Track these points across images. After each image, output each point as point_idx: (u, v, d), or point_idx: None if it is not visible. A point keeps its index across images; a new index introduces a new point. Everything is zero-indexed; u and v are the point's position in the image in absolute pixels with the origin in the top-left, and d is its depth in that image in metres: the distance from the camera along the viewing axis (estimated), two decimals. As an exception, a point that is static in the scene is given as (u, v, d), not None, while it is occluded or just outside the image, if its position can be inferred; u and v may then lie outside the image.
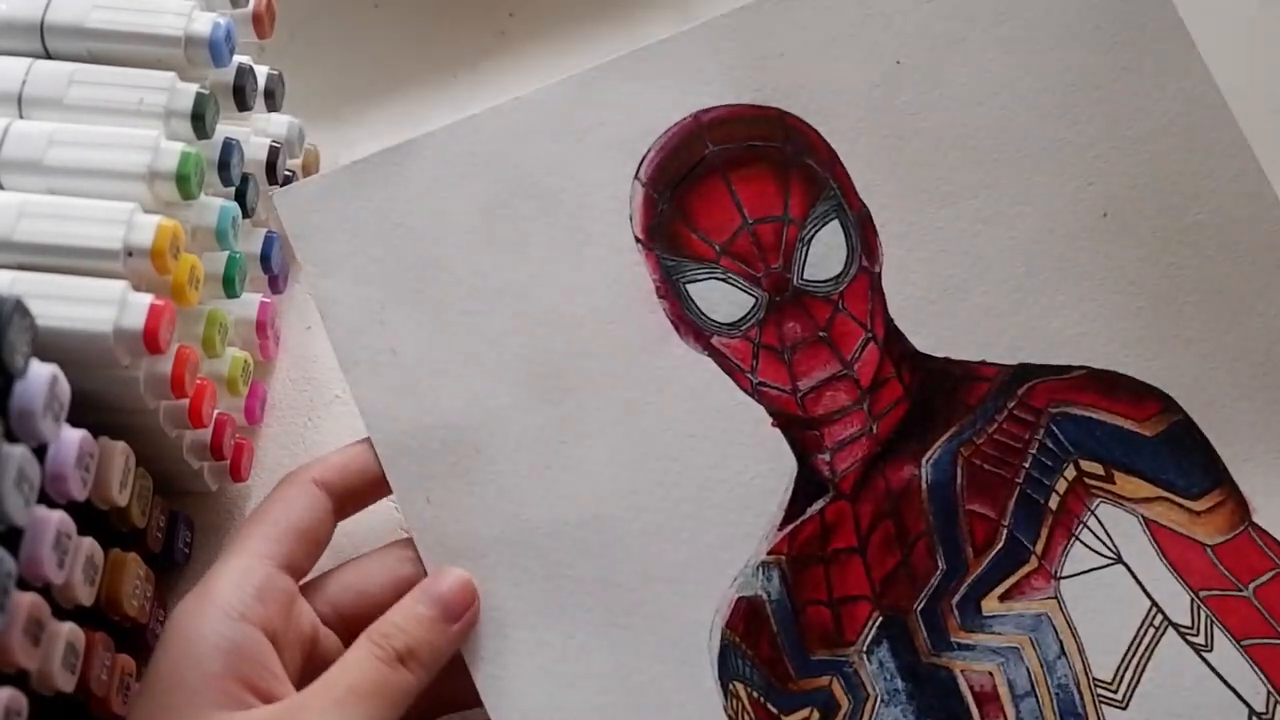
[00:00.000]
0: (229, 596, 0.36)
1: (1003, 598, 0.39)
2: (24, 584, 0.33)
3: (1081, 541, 0.40)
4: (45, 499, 0.33)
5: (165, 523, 0.42)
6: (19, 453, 0.31)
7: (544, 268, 0.41)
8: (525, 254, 0.41)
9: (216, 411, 0.43)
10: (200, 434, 0.43)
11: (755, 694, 0.39)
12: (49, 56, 0.40)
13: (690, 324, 0.41)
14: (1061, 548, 0.40)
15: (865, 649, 0.39)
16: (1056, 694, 0.39)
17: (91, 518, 0.36)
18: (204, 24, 0.40)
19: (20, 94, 0.39)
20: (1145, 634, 0.39)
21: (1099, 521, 0.40)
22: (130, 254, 0.37)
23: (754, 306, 0.41)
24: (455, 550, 0.39)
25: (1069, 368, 0.41)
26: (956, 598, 0.39)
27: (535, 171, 0.42)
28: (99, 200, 0.37)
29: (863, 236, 0.41)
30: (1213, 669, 0.39)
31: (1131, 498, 0.40)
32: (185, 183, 0.38)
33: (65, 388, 0.33)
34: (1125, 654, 0.39)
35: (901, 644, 0.39)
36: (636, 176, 0.42)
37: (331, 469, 0.39)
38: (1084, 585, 0.39)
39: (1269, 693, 0.38)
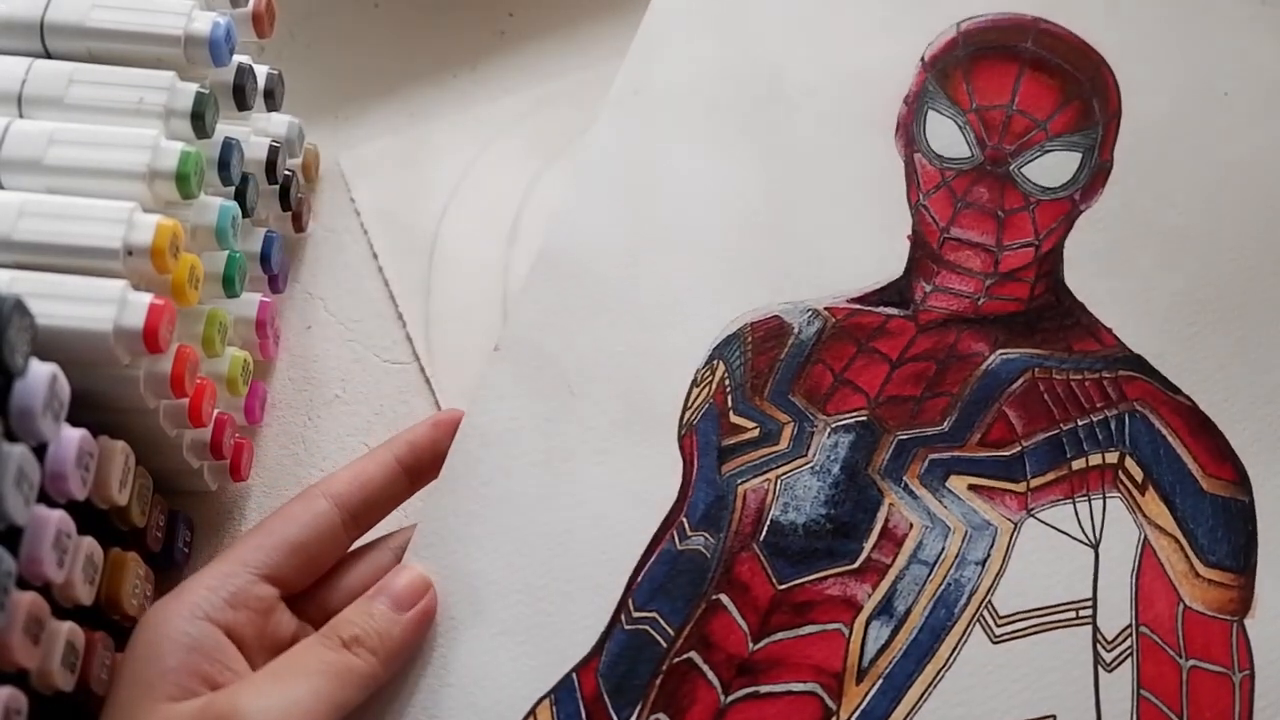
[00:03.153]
0: (199, 598, 0.36)
1: (972, 487, 0.39)
2: (24, 583, 0.33)
3: (1075, 508, 0.39)
4: (45, 498, 0.33)
5: (165, 522, 0.42)
6: (19, 452, 0.31)
7: None
8: None
9: (216, 411, 0.43)
10: (200, 433, 0.43)
11: (727, 383, 0.41)
12: (49, 56, 0.40)
13: (910, 132, 0.45)
14: (1054, 498, 0.40)
15: (834, 425, 0.40)
16: (947, 584, 0.38)
17: (91, 517, 0.36)
18: (204, 23, 0.40)
19: (20, 93, 0.39)
20: (1064, 612, 0.38)
21: (1103, 507, 0.40)
22: (130, 253, 0.37)
23: (967, 158, 0.44)
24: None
25: (1179, 390, 0.41)
26: (935, 455, 0.40)
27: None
28: (99, 199, 0.37)
29: (1091, 179, 0.44)
30: (1095, 684, 0.38)
31: (1149, 517, 0.39)
32: (185, 182, 0.38)
33: (65, 387, 0.33)
34: (1034, 610, 0.38)
35: (863, 446, 0.40)
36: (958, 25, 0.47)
37: (343, 483, 0.39)
38: (1047, 536, 0.39)
39: None
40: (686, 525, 0.39)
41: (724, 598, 0.38)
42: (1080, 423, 0.40)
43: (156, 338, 0.36)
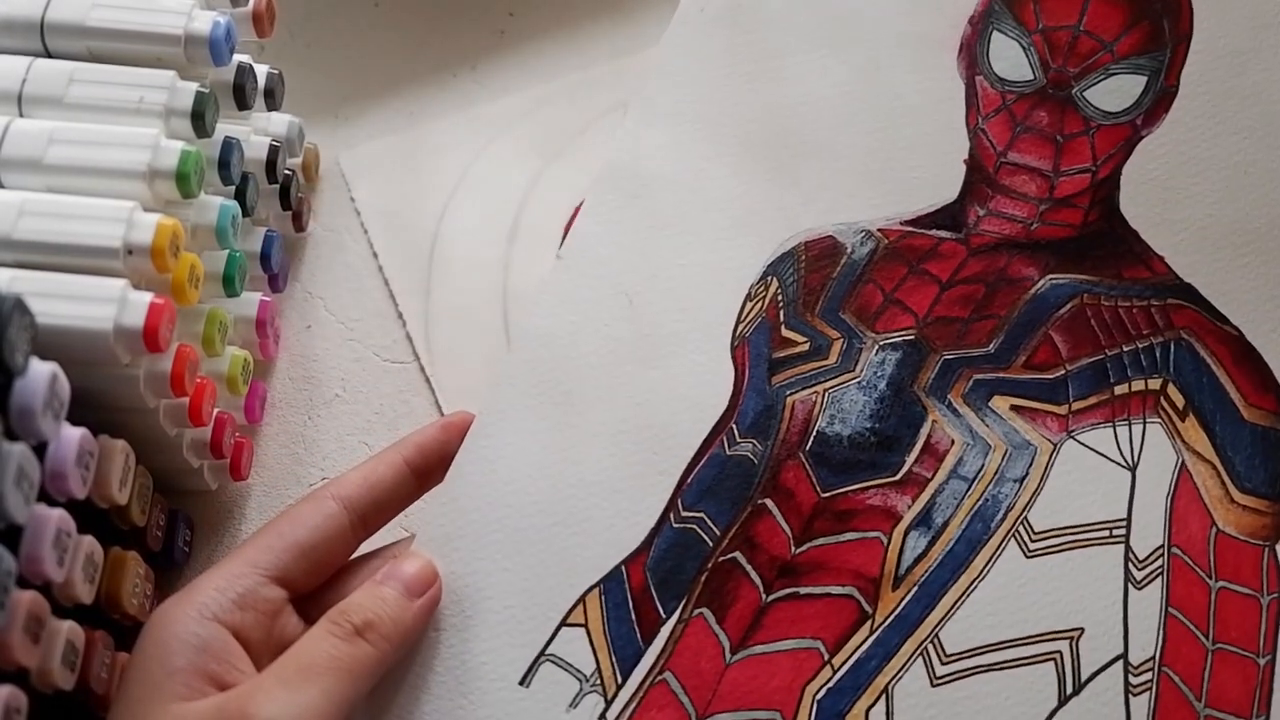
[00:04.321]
0: (207, 598, 0.36)
1: (1014, 407, 0.40)
2: (24, 582, 0.33)
3: (1115, 432, 0.40)
4: (45, 497, 0.33)
5: (165, 521, 0.42)
6: (19, 450, 0.31)
7: None
8: None
9: (216, 410, 0.43)
10: (200, 432, 0.43)
11: (780, 298, 0.42)
12: (49, 55, 0.40)
13: (973, 54, 0.45)
14: (1094, 421, 0.40)
15: (882, 343, 0.41)
16: (985, 499, 0.39)
17: (91, 516, 0.37)
18: (204, 23, 0.40)
19: (20, 92, 0.39)
20: (1098, 530, 0.39)
21: (1142, 431, 0.40)
22: (130, 252, 0.37)
23: (1029, 81, 0.44)
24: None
25: (1227, 320, 0.41)
26: (980, 376, 0.41)
27: None
28: (99, 198, 0.37)
29: (1155, 103, 0.44)
30: (1125, 600, 0.38)
31: (1187, 443, 0.40)
32: (185, 181, 0.39)
33: (65, 386, 0.33)
34: (1068, 528, 0.39)
35: (909, 364, 0.41)
36: None
37: (352, 485, 0.39)
38: (1085, 458, 0.40)
39: (1156, 656, 0.38)
40: (736, 432, 0.40)
41: (769, 502, 0.39)
42: (1125, 349, 0.41)
43: (156, 337, 0.36)
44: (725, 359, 0.41)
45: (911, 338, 0.41)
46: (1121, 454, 0.40)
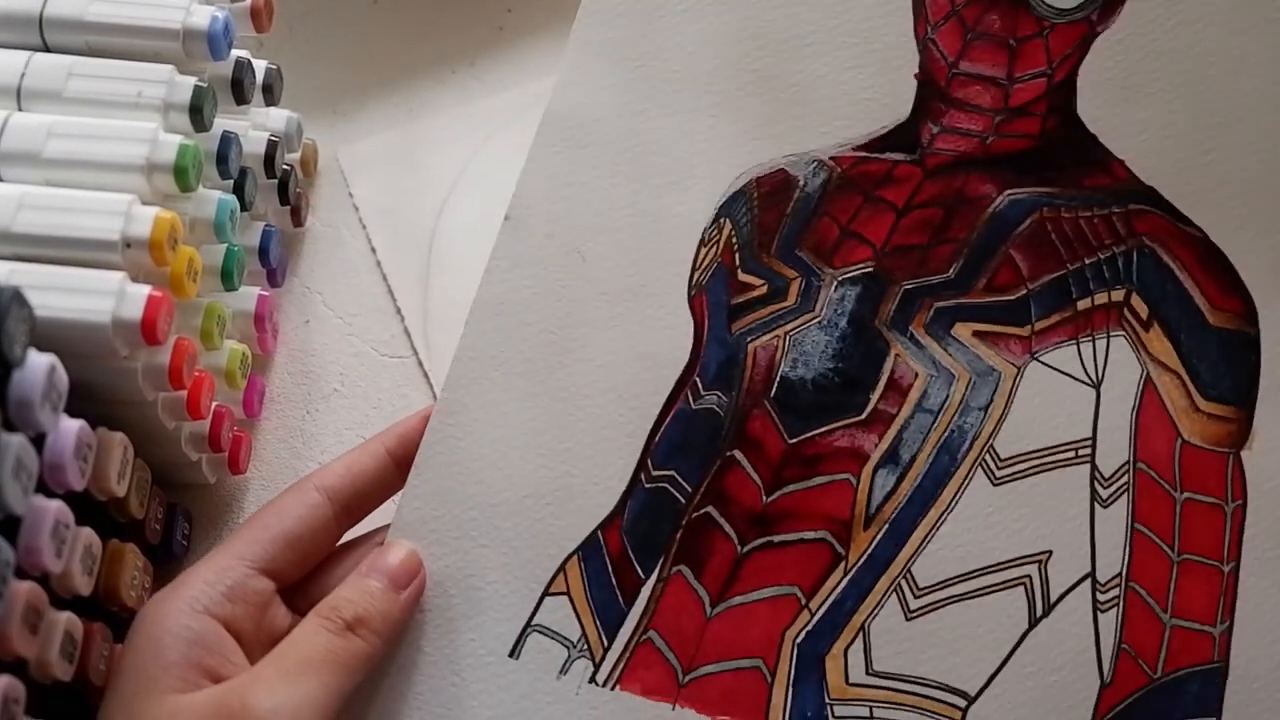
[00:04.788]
0: (197, 591, 0.36)
1: (977, 333, 0.40)
2: (22, 573, 0.33)
3: (1079, 349, 0.40)
4: (43, 488, 0.33)
5: (163, 514, 0.43)
6: (17, 442, 0.31)
7: None
8: None
9: (214, 404, 0.43)
10: (198, 426, 0.43)
11: (735, 241, 0.41)
12: (48, 49, 0.40)
13: None
14: (1057, 340, 0.40)
15: (840, 279, 0.41)
16: (951, 431, 0.39)
17: (90, 508, 0.37)
18: (202, 17, 0.40)
19: (19, 86, 0.39)
20: (1064, 452, 0.39)
21: (1106, 347, 0.40)
22: (128, 245, 0.37)
23: None
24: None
25: (1190, 221, 0.41)
26: (941, 304, 0.40)
27: None
28: (97, 192, 0.38)
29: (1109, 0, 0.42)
30: (1091, 520, 0.39)
31: (1152, 354, 0.40)
32: (183, 175, 0.39)
33: (63, 378, 0.33)
34: (1033, 452, 0.39)
35: (869, 299, 0.40)
36: None
37: (335, 475, 0.39)
38: (1050, 379, 0.40)
39: (1123, 572, 0.38)
40: (700, 385, 0.40)
41: (738, 454, 0.40)
42: (1087, 261, 0.40)
43: (155, 329, 0.36)
44: (683, 310, 0.41)
45: (870, 270, 0.41)
46: (1086, 371, 0.40)
